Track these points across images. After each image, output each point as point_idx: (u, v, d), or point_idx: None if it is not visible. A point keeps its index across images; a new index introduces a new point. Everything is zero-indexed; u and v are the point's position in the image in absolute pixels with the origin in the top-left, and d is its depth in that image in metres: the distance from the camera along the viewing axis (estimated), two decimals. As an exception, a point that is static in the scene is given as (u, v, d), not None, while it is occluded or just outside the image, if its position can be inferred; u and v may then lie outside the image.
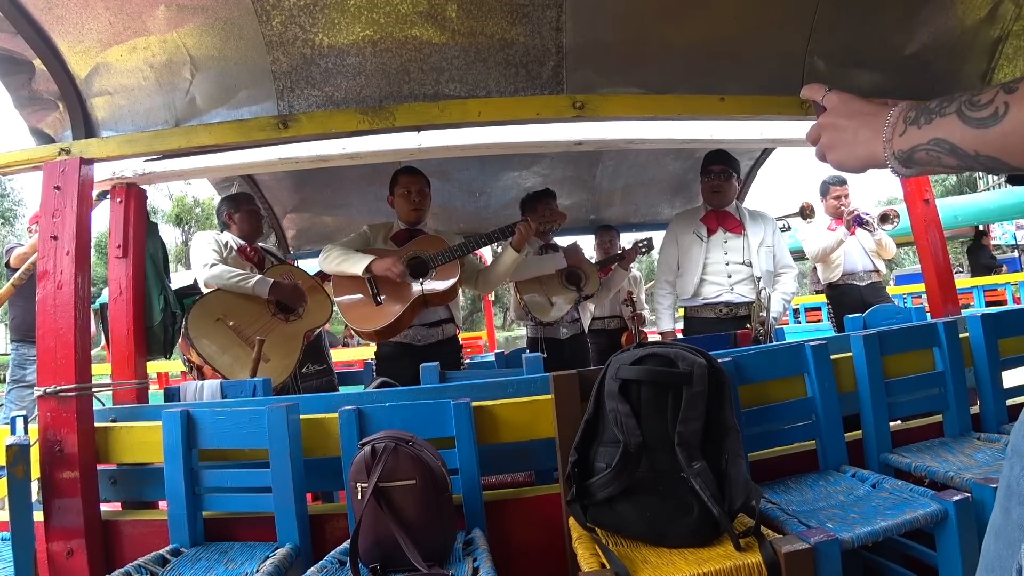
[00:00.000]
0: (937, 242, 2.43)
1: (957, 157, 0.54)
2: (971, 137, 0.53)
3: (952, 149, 0.54)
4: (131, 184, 2.05)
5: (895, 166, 0.60)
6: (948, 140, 0.54)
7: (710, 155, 2.66)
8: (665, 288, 2.71)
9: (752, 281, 2.53)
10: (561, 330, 2.98)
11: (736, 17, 1.88)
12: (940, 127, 0.55)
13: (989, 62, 2.19)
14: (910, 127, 0.58)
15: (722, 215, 2.64)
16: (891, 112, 0.60)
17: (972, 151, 0.53)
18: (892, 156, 0.60)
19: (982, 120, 0.51)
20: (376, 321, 2.26)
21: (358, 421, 1.46)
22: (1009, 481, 0.59)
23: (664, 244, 2.79)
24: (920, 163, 0.58)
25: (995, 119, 0.50)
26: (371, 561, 1.22)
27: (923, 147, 0.57)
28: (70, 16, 1.67)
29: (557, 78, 1.87)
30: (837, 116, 0.67)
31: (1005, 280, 6.47)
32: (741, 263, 2.56)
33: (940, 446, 1.65)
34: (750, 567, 1.04)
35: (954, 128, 0.54)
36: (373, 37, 1.74)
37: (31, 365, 3.47)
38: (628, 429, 1.20)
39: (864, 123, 0.63)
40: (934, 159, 0.57)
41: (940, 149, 0.55)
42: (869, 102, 0.65)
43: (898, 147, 0.59)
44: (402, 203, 2.45)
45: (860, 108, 0.65)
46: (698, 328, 2.57)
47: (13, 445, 1.47)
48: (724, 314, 2.54)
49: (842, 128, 0.66)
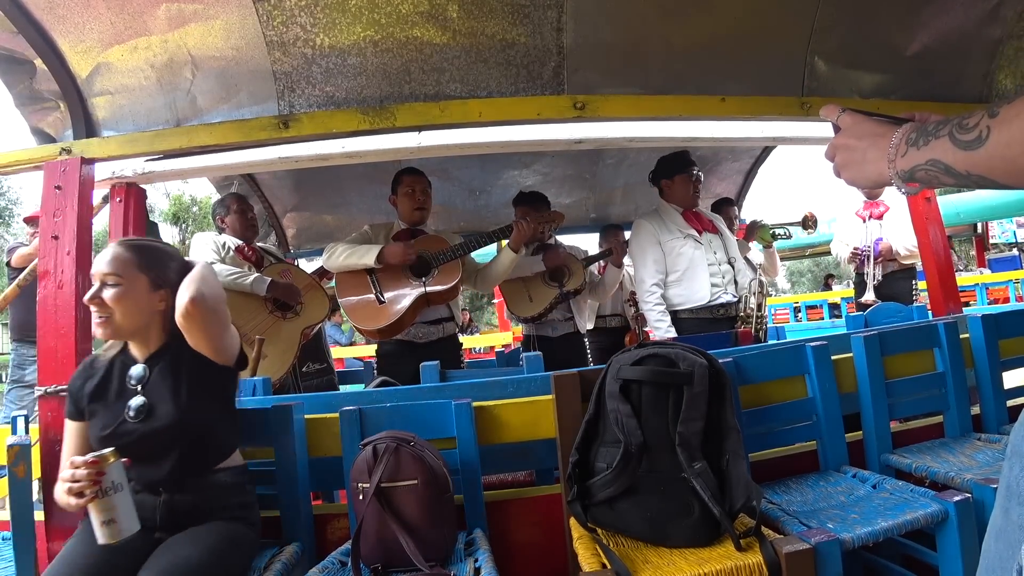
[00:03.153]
0: (939, 240, 2.44)
1: (951, 176, 0.58)
2: (961, 158, 0.56)
3: (947, 169, 0.58)
4: (131, 184, 2.05)
5: (899, 184, 0.64)
6: (942, 161, 0.58)
7: (683, 154, 2.56)
8: (661, 304, 2.46)
9: (734, 280, 2.51)
10: (552, 328, 2.97)
11: (737, 18, 1.89)
12: (935, 148, 0.59)
13: (990, 63, 2.19)
14: (911, 148, 0.62)
15: (698, 216, 2.59)
16: (896, 133, 0.64)
17: (964, 171, 0.57)
18: (896, 175, 0.64)
19: (969, 143, 0.55)
20: (379, 320, 2.27)
21: (359, 421, 1.46)
22: (1008, 482, 0.60)
23: (644, 249, 2.51)
24: (921, 180, 0.62)
25: (980, 142, 0.54)
26: (373, 561, 1.22)
27: (922, 167, 0.61)
28: (71, 16, 1.67)
29: (558, 78, 1.87)
30: (848, 137, 0.70)
31: (1007, 278, 6.46)
32: (726, 261, 2.53)
33: (940, 447, 1.65)
34: (751, 567, 1.04)
35: (947, 150, 0.57)
36: (374, 37, 1.74)
37: (31, 365, 3.47)
38: (629, 429, 1.20)
39: (872, 144, 0.67)
40: (932, 177, 0.60)
41: (936, 169, 0.59)
42: (879, 123, 0.68)
43: (900, 167, 0.63)
44: (406, 202, 2.45)
45: (870, 129, 0.68)
46: (693, 330, 2.49)
47: (14, 445, 1.48)
48: (720, 315, 2.51)
49: (853, 148, 0.69)
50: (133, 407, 1.23)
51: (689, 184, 2.52)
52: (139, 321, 1.27)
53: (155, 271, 1.29)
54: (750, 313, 2.47)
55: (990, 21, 2.08)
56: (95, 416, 1.27)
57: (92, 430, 1.26)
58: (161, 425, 1.22)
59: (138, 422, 1.22)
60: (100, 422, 1.25)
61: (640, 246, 2.54)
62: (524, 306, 2.89)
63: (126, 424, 1.23)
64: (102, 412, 1.26)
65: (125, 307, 1.24)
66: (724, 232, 2.61)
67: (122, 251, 1.28)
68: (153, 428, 1.22)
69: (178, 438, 1.23)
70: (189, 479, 1.25)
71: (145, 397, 1.25)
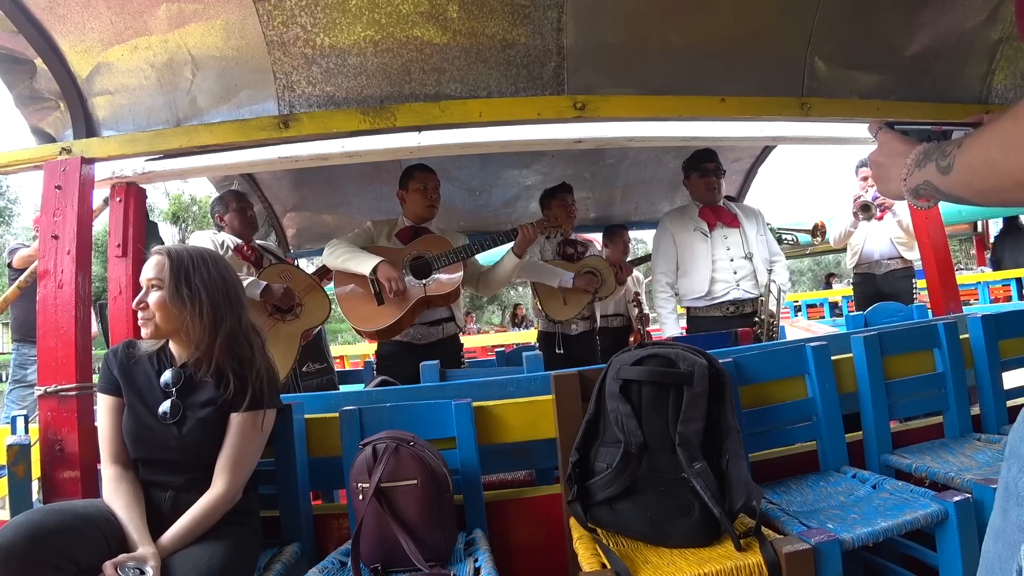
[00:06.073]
0: (938, 238, 2.44)
1: (939, 194, 0.67)
2: (942, 181, 0.64)
3: (935, 189, 0.66)
4: (131, 183, 2.05)
5: (911, 200, 0.72)
6: (931, 182, 0.66)
7: (702, 153, 2.65)
8: (666, 291, 2.66)
9: (754, 276, 2.54)
10: (574, 326, 3.04)
11: (736, 18, 1.88)
12: (927, 171, 0.67)
13: (989, 64, 2.19)
14: (916, 169, 0.69)
15: (717, 210, 2.64)
16: (911, 154, 0.71)
17: (945, 191, 0.65)
18: (907, 192, 0.72)
19: (945, 168, 0.64)
20: (377, 321, 2.26)
21: (359, 421, 1.46)
22: (1007, 482, 0.60)
23: (659, 243, 2.73)
24: (924, 197, 0.70)
25: (950, 168, 0.63)
26: (372, 561, 1.22)
27: (921, 187, 0.69)
28: (72, 15, 1.67)
29: (558, 79, 1.87)
30: (880, 154, 0.77)
31: (1008, 276, 6.43)
32: (743, 257, 2.56)
33: (940, 447, 1.65)
34: (751, 567, 1.04)
35: (933, 173, 0.66)
36: (374, 37, 1.74)
37: (32, 365, 3.47)
38: (629, 429, 1.20)
39: (894, 163, 0.73)
40: (929, 195, 0.69)
41: (929, 188, 0.67)
42: (905, 142, 0.74)
43: (908, 185, 0.71)
44: (417, 199, 2.42)
45: (896, 148, 0.74)
46: (704, 328, 2.55)
47: (14, 445, 1.48)
48: (731, 312, 2.53)
49: (881, 165, 0.77)
50: (165, 411, 1.27)
51: (702, 181, 2.64)
52: (178, 323, 1.29)
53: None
54: (765, 318, 2.48)
55: (989, 21, 2.08)
56: (127, 406, 1.30)
57: (125, 424, 1.28)
58: (188, 443, 1.26)
59: (171, 425, 1.26)
60: (133, 417, 1.28)
61: (656, 242, 2.77)
62: (559, 309, 2.97)
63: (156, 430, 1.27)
64: (135, 404, 1.29)
65: (166, 311, 1.28)
66: (746, 227, 2.63)
67: (163, 258, 1.31)
68: (181, 444, 1.26)
69: (201, 454, 1.27)
70: (199, 486, 1.26)
71: (177, 403, 1.28)
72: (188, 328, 1.28)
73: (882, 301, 2.95)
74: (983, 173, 0.58)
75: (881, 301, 2.96)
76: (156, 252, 1.32)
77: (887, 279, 3.56)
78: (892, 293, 3.44)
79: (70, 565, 1.04)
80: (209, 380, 1.29)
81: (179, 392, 1.29)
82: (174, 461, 1.27)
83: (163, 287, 1.28)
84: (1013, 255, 6.50)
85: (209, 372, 1.29)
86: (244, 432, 1.27)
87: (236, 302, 1.34)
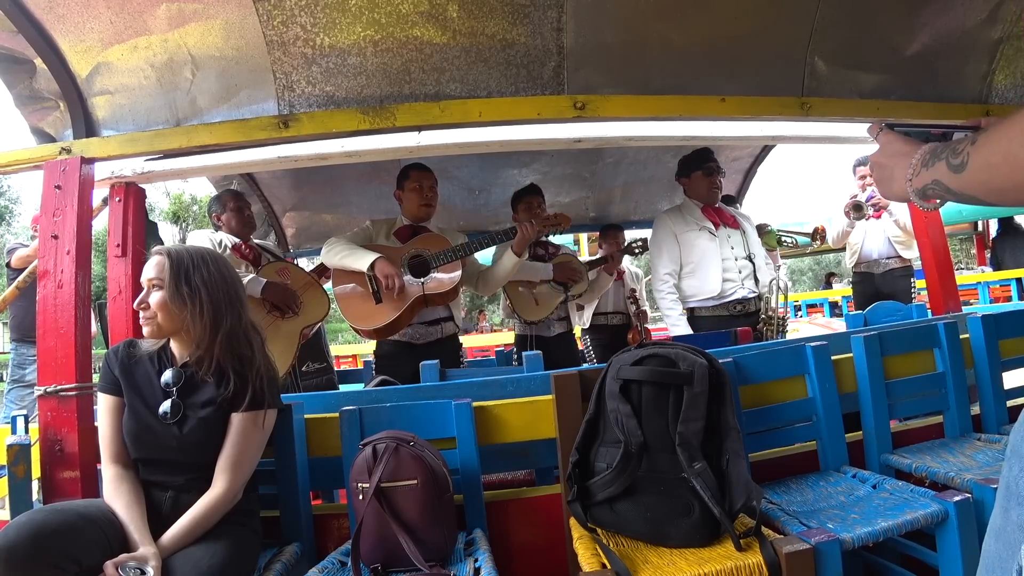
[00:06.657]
0: (938, 238, 2.43)
1: (950, 194, 0.65)
2: (954, 179, 0.63)
3: (946, 188, 0.65)
4: (130, 183, 2.05)
5: (917, 201, 0.71)
6: (942, 181, 0.65)
7: (704, 152, 2.63)
8: (673, 292, 2.54)
9: (754, 276, 2.53)
10: (550, 328, 3.00)
11: (736, 18, 1.88)
12: (936, 170, 0.65)
13: (990, 63, 2.19)
14: (923, 169, 0.68)
15: (718, 211, 2.64)
16: (916, 154, 0.70)
17: (957, 190, 0.63)
18: (913, 193, 0.70)
19: (957, 166, 0.62)
20: (375, 319, 2.25)
21: (359, 421, 1.46)
22: (1008, 482, 0.60)
23: (659, 242, 2.62)
24: (932, 197, 0.69)
25: (964, 166, 0.61)
26: (372, 561, 1.22)
27: (929, 186, 0.67)
28: (71, 15, 1.67)
29: (558, 78, 1.87)
30: (882, 155, 0.76)
31: (1007, 276, 6.43)
32: (745, 257, 2.55)
33: (940, 447, 1.65)
34: (751, 567, 1.04)
35: (944, 172, 0.64)
36: (374, 37, 1.74)
37: (31, 365, 3.47)
38: (629, 429, 1.20)
39: (898, 163, 0.72)
40: (938, 195, 0.67)
41: (938, 188, 0.66)
42: (908, 142, 0.74)
43: (915, 186, 0.70)
44: (413, 198, 2.42)
45: (899, 149, 0.74)
46: (711, 328, 2.51)
47: (14, 445, 1.48)
48: (737, 311, 2.51)
49: (883, 166, 0.76)
50: (166, 411, 1.27)
51: (705, 180, 2.61)
52: (179, 322, 1.29)
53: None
54: (771, 315, 2.48)
55: (990, 21, 2.08)
56: (127, 406, 1.30)
57: (126, 424, 1.28)
58: (189, 443, 1.26)
59: (171, 424, 1.26)
60: (133, 417, 1.28)
61: (656, 240, 2.66)
62: (531, 310, 2.93)
63: (157, 430, 1.26)
64: (135, 403, 1.29)
65: (167, 311, 1.28)
66: (746, 229, 2.63)
67: (163, 258, 1.31)
68: (182, 443, 1.26)
69: (202, 454, 1.27)
70: (199, 486, 1.26)
71: (177, 402, 1.28)
72: (189, 327, 1.29)
73: (881, 300, 2.95)
74: (1002, 170, 0.56)
75: (880, 300, 2.96)
76: (156, 252, 1.32)
77: (886, 278, 3.56)
78: (891, 292, 3.45)
79: (72, 565, 1.04)
80: (210, 379, 1.29)
81: (180, 392, 1.29)
82: (174, 461, 1.26)
83: (164, 287, 1.28)
84: (1014, 255, 6.50)
85: (210, 371, 1.29)
86: (245, 432, 1.27)
87: (236, 301, 1.34)
